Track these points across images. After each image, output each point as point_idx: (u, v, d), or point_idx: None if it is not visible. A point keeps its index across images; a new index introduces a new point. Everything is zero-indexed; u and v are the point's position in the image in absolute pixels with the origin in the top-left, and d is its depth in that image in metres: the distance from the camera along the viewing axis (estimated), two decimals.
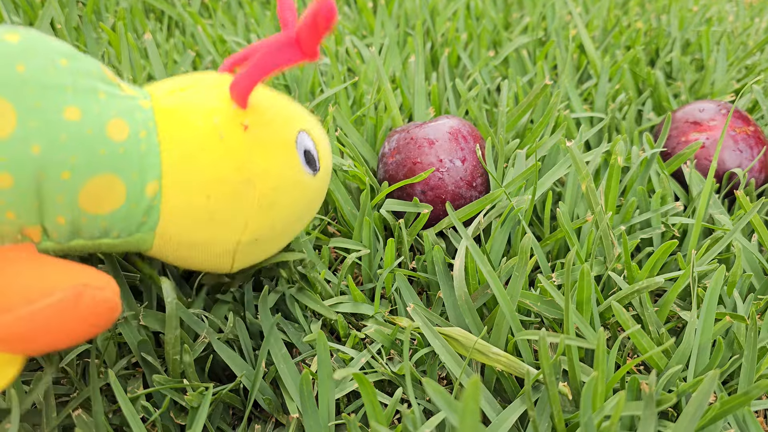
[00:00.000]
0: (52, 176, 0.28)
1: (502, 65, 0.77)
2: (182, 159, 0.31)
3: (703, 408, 0.29)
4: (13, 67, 0.27)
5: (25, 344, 0.27)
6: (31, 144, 0.27)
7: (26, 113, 0.27)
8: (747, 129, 0.57)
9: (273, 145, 0.33)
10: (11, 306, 0.26)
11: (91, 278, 0.28)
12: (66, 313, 0.27)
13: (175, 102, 0.33)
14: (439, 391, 0.28)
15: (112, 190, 0.30)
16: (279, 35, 0.30)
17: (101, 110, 0.29)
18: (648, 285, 0.38)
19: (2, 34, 0.28)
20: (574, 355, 0.34)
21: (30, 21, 0.72)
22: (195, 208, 0.32)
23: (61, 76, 0.28)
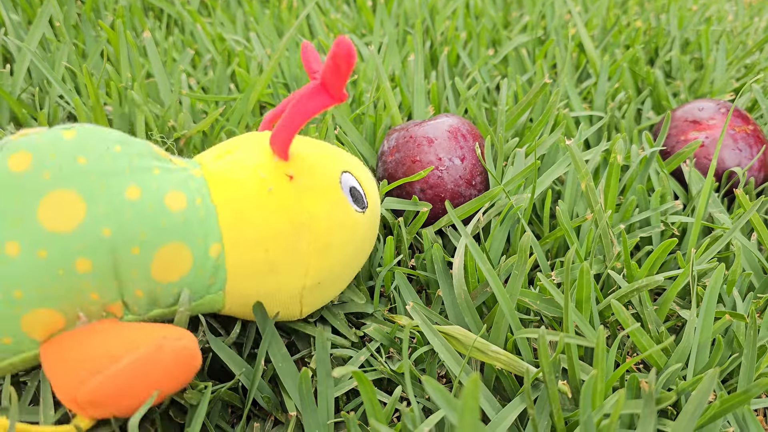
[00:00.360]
0: (124, 254, 0.30)
1: (502, 64, 0.77)
2: (237, 217, 0.33)
3: (702, 406, 0.29)
4: (75, 161, 0.30)
5: (117, 403, 0.29)
6: (101, 228, 0.29)
7: (93, 201, 0.29)
8: (746, 128, 0.57)
9: (319, 189, 0.35)
10: (100, 368, 0.28)
11: (169, 332, 0.31)
12: (150, 365, 0.29)
13: (223, 165, 0.35)
14: (439, 390, 0.27)
15: (180, 257, 0.32)
16: (308, 85, 0.33)
17: (158, 185, 0.31)
18: (648, 283, 0.38)
19: (60, 133, 0.30)
20: (573, 354, 0.34)
21: (29, 19, 0.72)
22: (256, 262, 0.34)
23: (117, 161, 0.31)
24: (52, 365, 0.30)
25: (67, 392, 0.29)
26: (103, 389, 0.28)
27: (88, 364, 0.29)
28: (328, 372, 0.36)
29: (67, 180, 0.29)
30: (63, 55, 0.59)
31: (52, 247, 0.29)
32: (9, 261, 0.28)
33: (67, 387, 0.29)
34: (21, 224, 0.28)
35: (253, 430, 0.36)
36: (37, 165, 0.29)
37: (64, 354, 0.30)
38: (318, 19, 0.80)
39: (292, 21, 0.83)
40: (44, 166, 0.29)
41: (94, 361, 0.29)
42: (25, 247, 0.28)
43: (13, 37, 0.64)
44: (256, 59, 0.68)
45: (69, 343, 0.30)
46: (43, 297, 0.29)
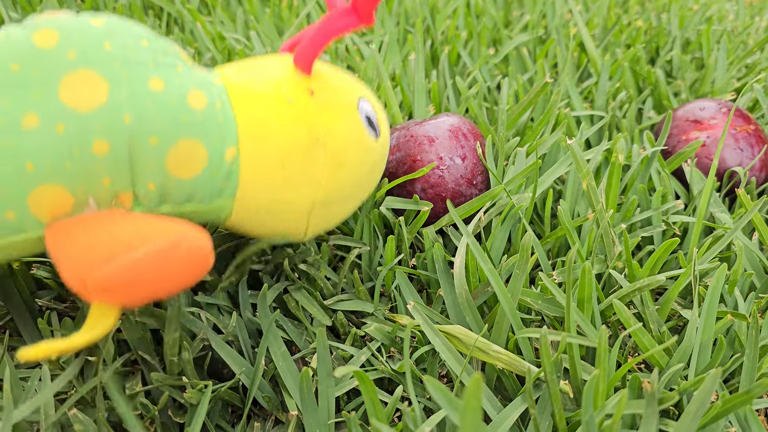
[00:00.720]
0: (142, 142, 0.30)
1: (502, 63, 0.77)
2: (255, 125, 0.33)
3: (705, 406, 0.29)
4: (101, 46, 0.30)
5: (127, 293, 0.29)
6: (122, 113, 0.29)
7: (116, 85, 0.29)
8: (748, 127, 0.57)
9: (338, 107, 0.36)
10: (114, 255, 0.28)
11: (185, 229, 0.30)
12: (165, 259, 0.29)
13: (244, 77, 0.35)
14: (441, 389, 0.27)
15: (195, 154, 0.32)
16: (338, 6, 0.33)
17: (181, 82, 0.32)
18: (649, 283, 0.38)
19: (88, 20, 0.31)
20: (575, 353, 0.34)
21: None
22: (271, 172, 0.34)
23: (143, 53, 0.31)
24: (60, 247, 0.29)
25: (76, 275, 0.28)
26: (115, 277, 0.28)
27: (101, 250, 0.28)
28: (329, 371, 0.36)
29: (92, 62, 0.29)
30: None
31: (70, 123, 0.29)
32: (25, 132, 0.28)
33: (76, 270, 0.28)
34: (41, 98, 0.28)
35: (253, 430, 0.36)
36: (63, 43, 0.29)
37: (75, 237, 0.29)
38: (318, 17, 0.80)
39: (292, 20, 0.83)
40: (70, 45, 0.29)
41: (108, 247, 0.28)
42: (44, 120, 0.28)
43: None
44: None
45: (80, 226, 0.30)
46: (54, 172, 0.29)
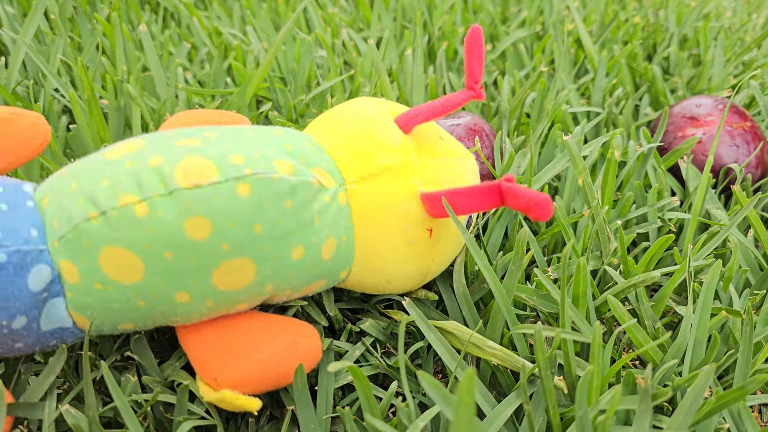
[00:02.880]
0: (277, 295, 0.34)
1: (499, 59, 0.77)
2: (372, 254, 0.36)
3: (698, 402, 0.29)
4: (251, 229, 0.30)
5: (252, 386, 0.32)
6: (265, 285, 0.33)
7: (263, 264, 0.32)
8: (744, 124, 0.57)
9: (449, 242, 0.38)
10: (243, 356, 0.32)
11: (302, 329, 0.34)
12: (285, 358, 0.33)
13: (369, 198, 0.35)
14: (435, 385, 0.27)
15: (317, 286, 0.36)
16: (487, 184, 0.33)
17: (318, 239, 0.33)
18: (644, 279, 0.38)
19: (235, 190, 0.30)
20: (569, 349, 0.34)
21: (24, 11, 0.72)
22: (374, 285, 0.38)
23: (288, 222, 0.32)
24: (193, 346, 0.33)
25: (209, 373, 0.32)
26: (243, 374, 0.32)
27: (233, 352, 0.32)
28: (324, 366, 0.36)
29: (244, 250, 0.30)
30: (58, 48, 0.58)
31: (219, 299, 0.32)
32: (177, 304, 0.31)
33: (211, 369, 0.32)
34: (195, 283, 0.30)
35: (248, 425, 0.35)
36: (216, 236, 0.29)
37: (206, 338, 0.33)
38: (315, 13, 0.80)
39: (289, 15, 0.83)
40: (223, 237, 0.30)
41: (239, 349, 0.32)
42: (195, 297, 0.31)
43: (8, 29, 0.64)
44: (253, 53, 0.68)
45: (210, 329, 0.33)
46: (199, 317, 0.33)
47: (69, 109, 0.59)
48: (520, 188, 0.31)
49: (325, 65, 0.70)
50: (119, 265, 0.29)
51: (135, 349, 0.36)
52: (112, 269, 0.29)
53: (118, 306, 0.30)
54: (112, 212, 0.28)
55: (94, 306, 0.30)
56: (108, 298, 0.30)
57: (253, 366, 0.32)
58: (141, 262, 0.29)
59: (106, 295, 0.30)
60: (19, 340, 0.30)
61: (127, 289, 0.30)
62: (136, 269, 0.29)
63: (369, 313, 0.42)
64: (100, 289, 0.29)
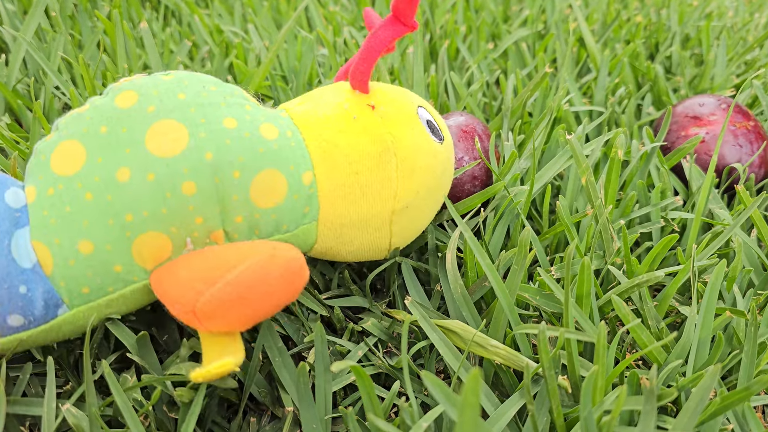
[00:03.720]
0: (226, 177, 0.32)
1: (501, 58, 0.76)
2: (326, 146, 0.35)
3: (703, 403, 0.29)
4: (175, 96, 0.33)
5: (235, 313, 0.30)
6: (204, 152, 0.32)
7: (194, 128, 0.32)
8: (747, 124, 0.57)
9: (400, 117, 0.38)
10: (219, 277, 0.30)
11: (278, 244, 0.33)
12: (264, 272, 0.31)
13: (306, 107, 0.37)
14: (438, 385, 0.27)
15: (276, 183, 0.34)
16: (383, 20, 0.36)
17: (252, 118, 0.34)
18: (648, 279, 0.37)
19: (160, 77, 0.34)
20: (573, 349, 0.33)
21: (24, 9, 0.71)
22: (348, 187, 0.36)
23: (213, 97, 0.34)
24: (166, 288, 0.32)
25: (185, 306, 0.30)
26: (221, 296, 0.30)
27: (204, 275, 0.31)
28: (326, 366, 0.36)
29: (170, 111, 0.32)
30: (59, 46, 0.58)
31: (160, 170, 0.31)
32: (120, 185, 0.31)
33: (184, 301, 0.30)
34: (130, 152, 0.31)
35: (249, 426, 0.35)
36: (142, 100, 0.32)
37: (178, 273, 0.32)
38: (316, 11, 0.80)
39: (290, 13, 0.82)
40: (149, 101, 0.32)
41: (209, 271, 0.31)
42: (135, 171, 0.31)
43: (9, 26, 0.64)
44: (254, 51, 0.67)
45: (181, 264, 0.32)
46: (152, 220, 0.31)
47: (70, 107, 0.58)
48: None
49: (326, 63, 0.69)
50: (65, 157, 0.32)
51: (137, 350, 0.36)
52: (60, 165, 0.32)
53: (70, 209, 0.31)
54: (61, 121, 0.33)
55: (49, 221, 0.31)
56: (59, 201, 0.31)
57: (229, 285, 0.30)
58: (82, 147, 0.32)
59: (58, 199, 0.31)
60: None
61: (73, 181, 0.31)
62: (79, 155, 0.32)
63: (371, 312, 0.41)
64: (51, 194, 0.31)
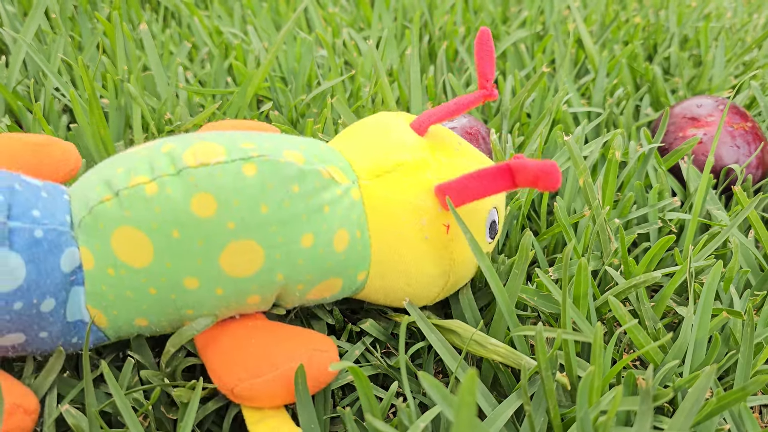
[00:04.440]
0: (290, 289, 0.34)
1: (500, 59, 0.77)
2: (390, 253, 0.35)
3: (699, 403, 0.29)
4: (257, 210, 0.30)
5: (268, 401, 0.32)
6: (276, 273, 0.32)
7: (271, 249, 0.31)
8: (744, 125, 0.57)
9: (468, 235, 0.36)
10: (261, 372, 0.32)
11: (318, 343, 0.34)
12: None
13: (383, 194, 0.35)
14: (435, 385, 0.27)
15: (333, 285, 0.35)
16: (496, 164, 0.33)
17: (328, 227, 0.33)
18: (645, 280, 0.38)
19: (240, 169, 0.30)
20: (570, 350, 0.33)
21: (24, 11, 0.72)
22: (396, 291, 0.37)
23: (295, 206, 0.32)
24: (210, 355, 0.33)
25: (224, 385, 0.32)
26: (261, 389, 0.32)
27: (249, 366, 0.32)
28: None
29: (250, 231, 0.30)
30: (59, 47, 0.58)
31: (229, 287, 0.31)
32: (187, 291, 0.31)
33: (225, 381, 0.32)
34: (202, 264, 0.30)
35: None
36: (222, 214, 0.30)
37: (223, 347, 0.33)
38: (316, 12, 0.80)
39: (289, 14, 0.83)
40: (229, 215, 0.30)
41: (255, 364, 0.32)
42: (204, 283, 0.31)
43: (9, 28, 0.64)
44: (254, 52, 0.68)
45: (227, 337, 0.33)
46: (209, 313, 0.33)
47: (69, 109, 0.59)
48: (527, 161, 0.31)
49: (325, 65, 0.69)
50: (130, 246, 0.30)
51: (134, 347, 0.36)
52: (124, 252, 0.30)
53: (131, 294, 0.30)
54: (123, 192, 0.30)
55: (108, 296, 0.30)
56: (120, 284, 0.30)
57: (268, 382, 0.32)
58: (150, 243, 0.29)
59: (119, 281, 0.30)
60: (45, 328, 0.30)
61: (138, 274, 0.30)
62: (146, 250, 0.30)
63: (369, 313, 0.42)
64: (112, 275, 0.30)
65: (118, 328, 0.32)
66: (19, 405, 0.30)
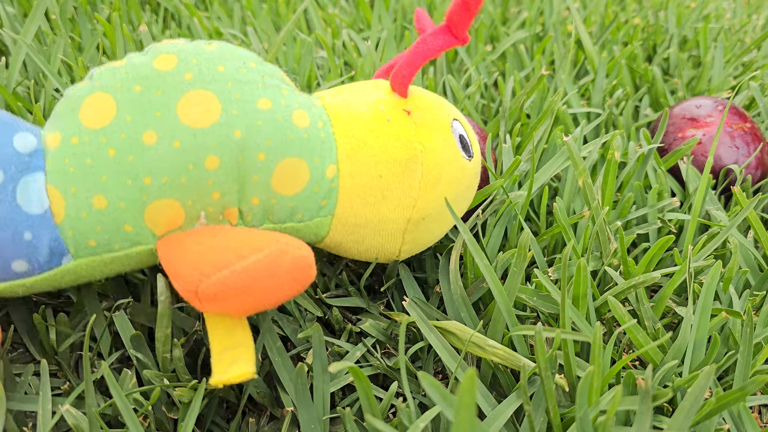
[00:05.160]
0: (250, 157, 0.32)
1: (500, 60, 0.77)
2: (355, 143, 0.35)
3: (698, 403, 0.29)
4: (215, 67, 0.32)
5: (236, 301, 0.30)
6: (233, 129, 0.32)
7: (228, 104, 0.32)
8: (744, 125, 0.57)
9: (434, 126, 0.37)
10: (227, 263, 0.29)
11: (290, 240, 0.32)
12: (273, 267, 0.30)
13: (342, 99, 0.37)
14: (435, 385, 0.27)
15: (299, 172, 0.34)
16: (433, 28, 0.35)
17: (287, 102, 0.34)
18: (645, 280, 0.38)
19: (202, 45, 0.34)
20: (570, 350, 0.34)
21: (24, 12, 0.72)
22: (369, 188, 0.36)
23: (252, 75, 0.33)
24: (173, 257, 0.31)
25: (188, 284, 0.30)
26: (227, 283, 0.29)
27: (212, 259, 0.30)
28: (324, 367, 0.36)
29: (207, 82, 0.32)
30: (59, 48, 0.58)
31: (186, 139, 0.31)
32: (145, 148, 0.31)
33: (188, 279, 0.30)
34: (161, 116, 0.31)
35: (248, 426, 0.36)
36: (181, 66, 0.32)
37: (188, 247, 0.31)
38: (315, 13, 0.80)
39: (289, 15, 0.83)
40: (187, 68, 0.32)
41: (219, 256, 0.30)
42: (162, 136, 0.31)
43: (9, 29, 0.64)
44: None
45: (192, 238, 0.32)
46: (170, 187, 0.31)
47: None
48: (451, 5, 0.33)
49: (325, 66, 0.70)
50: (95, 110, 0.31)
51: (135, 346, 0.36)
52: (88, 117, 0.31)
53: (91, 161, 0.31)
54: (96, 71, 0.33)
55: (68, 170, 0.31)
56: (82, 151, 0.31)
57: (237, 273, 0.29)
58: (113, 101, 0.31)
59: (81, 149, 0.31)
60: None
61: (98, 135, 0.31)
62: (109, 110, 0.31)
63: (369, 313, 0.42)
64: (75, 143, 0.31)
65: (76, 219, 0.31)
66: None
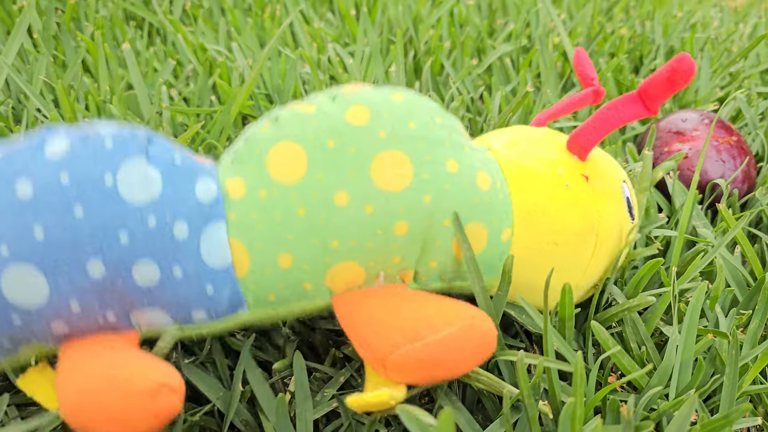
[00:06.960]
0: (437, 223, 0.31)
1: (486, 73, 0.76)
2: (532, 207, 0.34)
3: (683, 430, 0.29)
4: (407, 124, 0.31)
5: (426, 372, 0.29)
6: (424, 194, 0.31)
7: (420, 166, 0.31)
8: (730, 139, 0.57)
9: (609, 194, 0.36)
10: (420, 336, 0.29)
11: (475, 313, 0.31)
12: (463, 341, 0.30)
13: (516, 154, 0.36)
14: (414, 420, 0.27)
15: (479, 236, 0.33)
16: (624, 95, 0.34)
17: (470, 162, 0.33)
18: (639, 303, 0.37)
19: (390, 95, 0.32)
20: (554, 376, 0.33)
21: (7, 29, 0.71)
22: (541, 254, 0.35)
23: (440, 132, 0.32)
24: (357, 321, 0.31)
25: (377, 353, 0.29)
26: (418, 356, 0.29)
27: (404, 328, 0.29)
28: (307, 394, 0.35)
29: (400, 141, 0.31)
30: (41, 67, 0.58)
31: (379, 204, 0.30)
32: (336, 210, 0.30)
33: (378, 348, 0.29)
34: (354, 177, 0.30)
35: None
36: (374, 122, 0.31)
37: (372, 313, 0.31)
38: (301, 28, 0.80)
39: (275, 30, 0.82)
40: (381, 124, 0.31)
41: (411, 326, 0.29)
42: (354, 198, 0.30)
43: None
44: (238, 70, 0.67)
45: (375, 300, 0.31)
46: (356, 250, 0.30)
47: None
48: (652, 76, 0.32)
49: (310, 81, 0.69)
50: (284, 162, 0.30)
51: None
52: (277, 169, 0.30)
53: (280, 218, 0.30)
54: (282, 115, 0.31)
55: (256, 225, 0.30)
56: (271, 206, 0.30)
57: (428, 347, 0.29)
58: (304, 155, 0.30)
59: (269, 204, 0.30)
60: (179, 260, 0.29)
61: (289, 191, 0.30)
62: (300, 164, 0.30)
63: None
64: (264, 197, 0.30)
65: (260, 275, 0.30)
66: (165, 384, 0.28)
